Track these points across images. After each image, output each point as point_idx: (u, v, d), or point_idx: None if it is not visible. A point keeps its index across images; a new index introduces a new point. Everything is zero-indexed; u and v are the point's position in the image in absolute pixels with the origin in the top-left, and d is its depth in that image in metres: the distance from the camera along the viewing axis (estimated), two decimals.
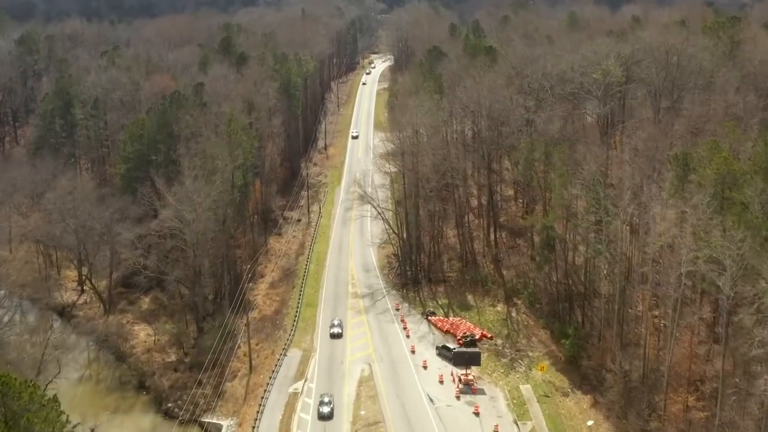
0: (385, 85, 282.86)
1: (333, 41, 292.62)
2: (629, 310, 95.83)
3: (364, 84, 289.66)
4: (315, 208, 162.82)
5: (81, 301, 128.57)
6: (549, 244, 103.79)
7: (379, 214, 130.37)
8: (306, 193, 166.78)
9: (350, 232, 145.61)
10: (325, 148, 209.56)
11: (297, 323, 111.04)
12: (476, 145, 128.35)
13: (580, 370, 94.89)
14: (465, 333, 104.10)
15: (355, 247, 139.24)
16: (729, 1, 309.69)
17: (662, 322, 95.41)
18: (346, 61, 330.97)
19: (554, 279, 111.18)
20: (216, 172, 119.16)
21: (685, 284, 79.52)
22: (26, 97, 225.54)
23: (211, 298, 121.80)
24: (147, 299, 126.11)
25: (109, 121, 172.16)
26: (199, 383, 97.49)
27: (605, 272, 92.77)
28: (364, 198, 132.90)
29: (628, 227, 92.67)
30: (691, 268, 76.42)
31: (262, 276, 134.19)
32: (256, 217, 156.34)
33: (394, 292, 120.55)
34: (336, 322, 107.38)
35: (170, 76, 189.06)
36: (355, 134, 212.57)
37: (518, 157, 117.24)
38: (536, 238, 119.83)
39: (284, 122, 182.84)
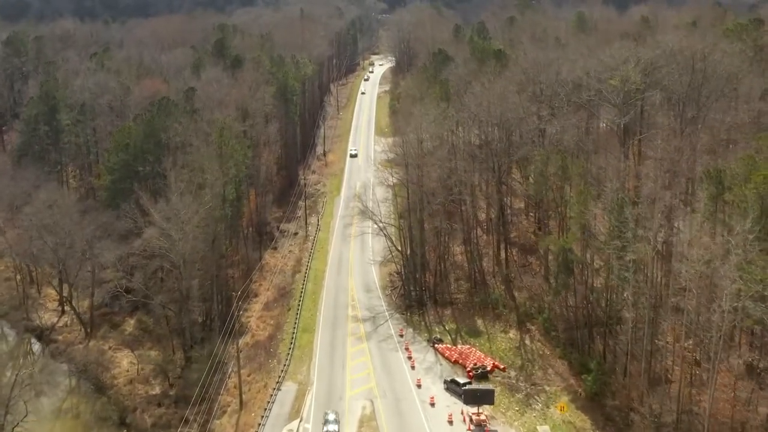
0: (386, 88, 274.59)
1: (332, 42, 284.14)
2: (656, 341, 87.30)
3: (363, 93, 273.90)
4: (313, 220, 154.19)
5: (61, 323, 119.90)
6: (567, 268, 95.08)
7: (381, 230, 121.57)
8: (303, 203, 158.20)
9: (350, 247, 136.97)
10: (324, 154, 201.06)
11: (292, 351, 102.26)
12: (485, 155, 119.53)
13: (604, 409, 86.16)
14: (475, 364, 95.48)
15: (355, 264, 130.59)
16: (733, 1, 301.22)
17: (693, 354, 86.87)
18: (346, 63, 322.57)
19: (571, 303, 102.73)
20: (206, 186, 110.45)
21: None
22: (13, 101, 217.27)
23: (200, 320, 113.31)
24: (132, 321, 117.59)
25: (96, 127, 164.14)
26: (186, 422, 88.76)
27: (630, 300, 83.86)
28: (365, 213, 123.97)
29: (656, 252, 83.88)
30: (735, 303, 67.80)
31: (256, 295, 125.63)
32: (250, 229, 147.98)
33: (397, 315, 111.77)
34: (331, 417, 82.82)
35: (162, 80, 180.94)
36: (353, 152, 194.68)
37: (532, 170, 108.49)
38: (550, 257, 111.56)
39: (281, 128, 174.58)
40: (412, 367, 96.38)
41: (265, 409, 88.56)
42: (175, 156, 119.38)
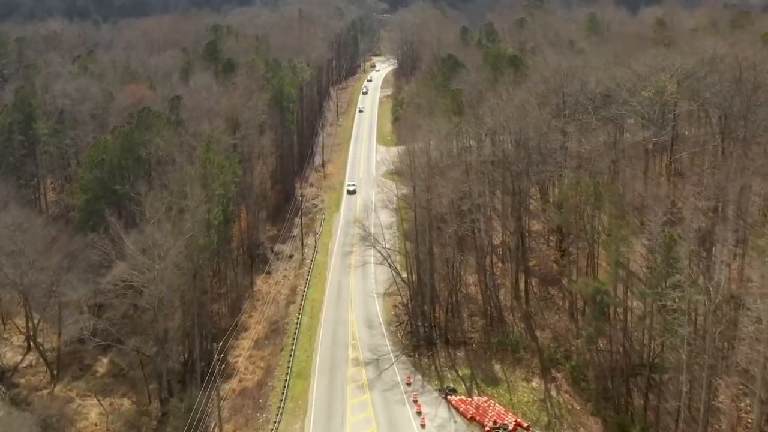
0: (388, 92, 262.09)
1: (332, 44, 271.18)
2: (710, 402, 74.39)
3: (361, 111, 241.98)
4: (310, 240, 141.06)
5: (26, 362, 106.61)
6: (602, 312, 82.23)
7: (385, 259, 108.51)
8: (300, 222, 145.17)
9: (350, 273, 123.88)
10: (323, 165, 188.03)
11: (284, 403, 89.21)
12: (502, 176, 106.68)
13: None
14: (495, 422, 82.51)
15: (355, 293, 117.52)
16: (741, 2, 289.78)
17: (750, 417, 74.10)
18: (346, 65, 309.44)
19: (603, 346, 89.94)
20: (188, 211, 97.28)
21: None
22: None
23: (182, 360, 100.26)
24: (105, 360, 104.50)
25: (76, 137, 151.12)
26: None
27: (684, 359, 70.79)
28: (366, 239, 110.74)
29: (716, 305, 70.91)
30: None
31: (245, 329, 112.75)
32: (241, 250, 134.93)
33: (403, 357, 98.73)
34: None
35: (148, 86, 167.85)
36: (351, 188, 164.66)
37: (557, 194, 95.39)
38: (575, 289, 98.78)
39: (276, 139, 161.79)
40: (422, 425, 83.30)
41: None
42: (151, 177, 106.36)
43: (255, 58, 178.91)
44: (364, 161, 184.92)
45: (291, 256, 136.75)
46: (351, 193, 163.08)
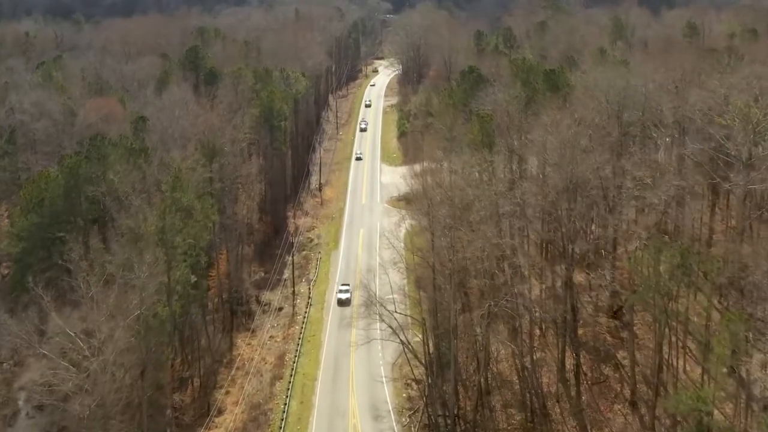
0: (393, 101, 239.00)
1: (332, 48, 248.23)
2: None
3: (359, 159, 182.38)
4: (303, 287, 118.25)
5: None
6: None
7: (395, 332, 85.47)
8: (291, 259, 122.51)
9: (351, 338, 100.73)
10: (320, 188, 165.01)
11: None
12: (544, 230, 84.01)
13: None
14: None
15: (357, 365, 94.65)
16: (754, 2, 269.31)
17: None
18: (347, 71, 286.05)
19: None
20: (138, 280, 74.16)
21: None
22: None
23: None
24: None
25: (28, 161, 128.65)
26: None
27: None
28: (371, 307, 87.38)
29: None
30: None
31: (221, 412, 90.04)
32: (219, 301, 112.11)
33: None
34: None
35: (118, 99, 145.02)
36: (344, 296, 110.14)
37: (630, 264, 72.45)
38: (665, 405, 76.36)
39: (264, 162, 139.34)
40: None
41: None
42: (89, 231, 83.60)
43: (242, 66, 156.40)
44: (368, 185, 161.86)
45: (280, 309, 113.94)
46: (343, 303, 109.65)
